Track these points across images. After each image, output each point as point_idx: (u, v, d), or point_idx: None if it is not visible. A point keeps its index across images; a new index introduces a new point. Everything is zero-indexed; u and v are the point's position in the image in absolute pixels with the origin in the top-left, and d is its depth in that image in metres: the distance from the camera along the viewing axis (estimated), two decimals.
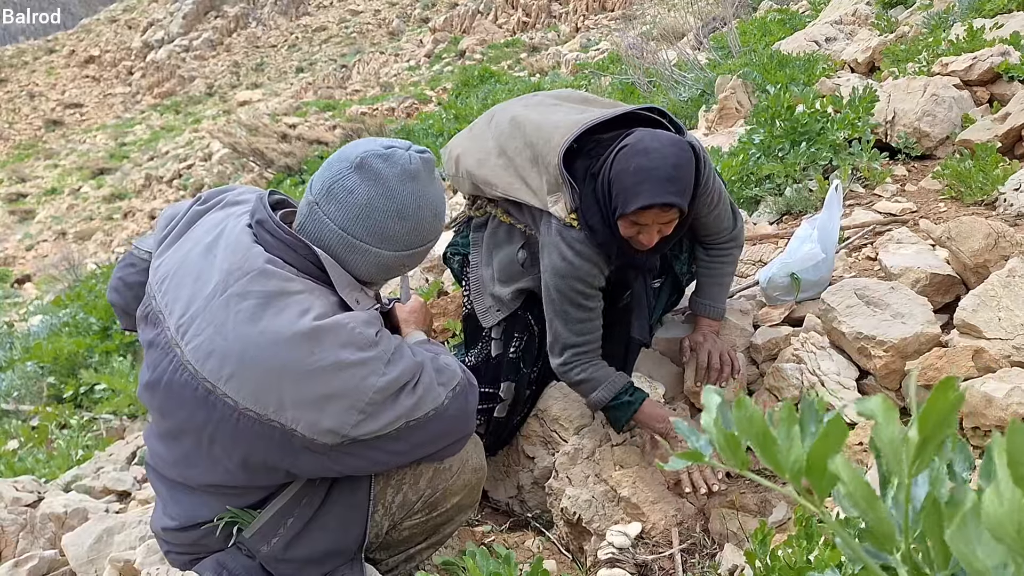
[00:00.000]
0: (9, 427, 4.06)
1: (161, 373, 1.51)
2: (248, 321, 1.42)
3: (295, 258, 1.50)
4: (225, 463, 1.51)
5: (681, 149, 1.90)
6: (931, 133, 3.49)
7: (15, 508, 2.15)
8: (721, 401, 0.69)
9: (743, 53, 6.22)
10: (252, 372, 1.42)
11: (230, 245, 1.51)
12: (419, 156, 1.55)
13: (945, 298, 2.35)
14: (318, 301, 1.47)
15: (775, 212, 3.40)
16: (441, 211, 1.60)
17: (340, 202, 1.50)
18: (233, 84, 42.26)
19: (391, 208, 1.50)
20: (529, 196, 2.11)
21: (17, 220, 26.96)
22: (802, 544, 1.36)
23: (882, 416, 0.61)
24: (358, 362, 1.43)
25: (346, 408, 1.43)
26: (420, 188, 1.53)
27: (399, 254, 1.56)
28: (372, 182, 1.50)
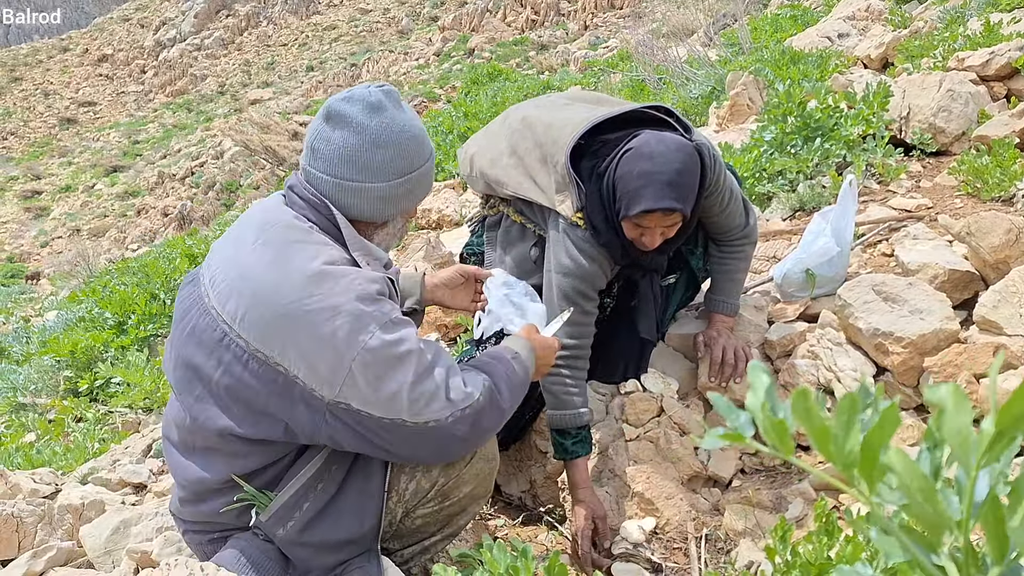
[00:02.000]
0: (26, 420, 4.10)
1: (189, 319, 1.62)
2: (267, 265, 1.53)
3: (318, 217, 1.61)
4: (233, 408, 1.56)
5: (686, 154, 1.91)
6: (947, 129, 3.47)
7: (33, 500, 2.17)
8: (770, 384, 0.67)
9: (754, 49, 6.19)
10: (262, 312, 1.49)
11: (265, 207, 1.67)
12: (378, 89, 1.62)
13: (963, 294, 2.34)
14: (332, 252, 1.55)
15: (788, 208, 3.38)
16: (419, 134, 1.63)
17: (323, 154, 1.61)
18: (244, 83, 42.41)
19: (366, 141, 1.57)
20: (538, 195, 2.13)
21: (32, 217, 27.15)
22: (823, 540, 1.35)
23: (953, 405, 0.59)
24: (352, 312, 1.47)
25: (336, 360, 1.46)
26: (388, 116, 1.59)
27: (392, 183, 1.61)
28: (342, 126, 1.59)
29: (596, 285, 2.12)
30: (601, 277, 2.12)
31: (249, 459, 1.60)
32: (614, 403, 2.38)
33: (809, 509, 1.99)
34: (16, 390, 4.78)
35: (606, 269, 2.12)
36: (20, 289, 16.03)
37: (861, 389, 0.66)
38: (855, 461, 0.61)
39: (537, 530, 2.34)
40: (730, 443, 0.67)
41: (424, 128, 1.68)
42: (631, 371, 2.38)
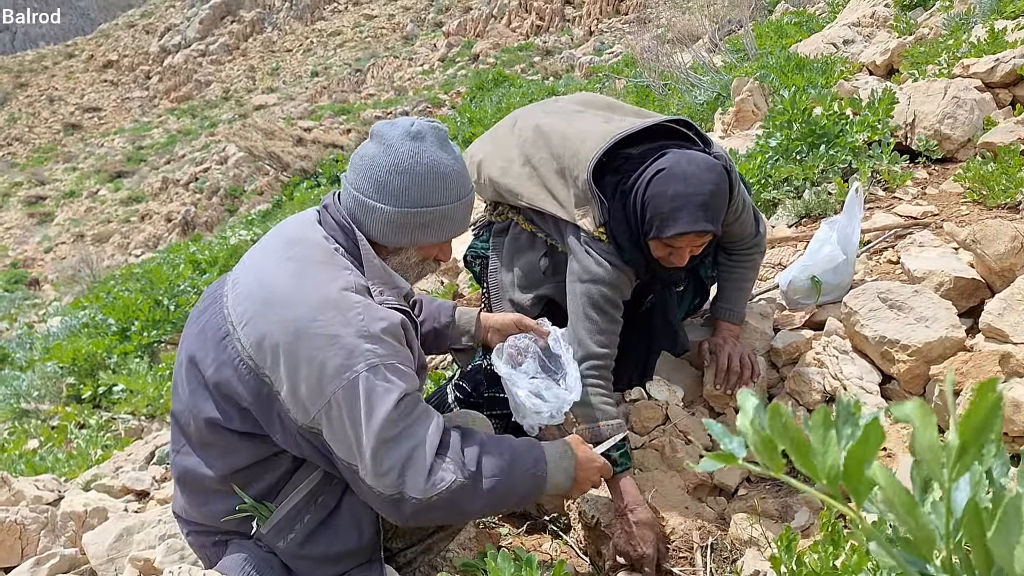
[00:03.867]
0: (29, 426, 4.10)
1: (204, 315, 1.66)
2: (286, 278, 1.55)
3: (344, 240, 1.63)
4: (221, 403, 1.58)
5: (717, 174, 1.90)
6: (952, 136, 3.46)
7: (36, 506, 2.16)
8: (758, 403, 0.67)
9: (759, 56, 6.19)
10: (266, 321, 1.51)
11: (300, 223, 1.70)
12: (425, 122, 1.63)
13: (970, 302, 2.33)
14: (351, 278, 1.56)
15: (793, 215, 3.37)
16: (447, 174, 1.61)
17: (354, 165, 1.64)
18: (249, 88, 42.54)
19: (389, 162, 1.58)
20: (556, 208, 2.10)
21: (36, 222, 27.23)
22: (828, 549, 1.34)
23: (919, 421, 0.60)
24: (348, 346, 1.47)
25: (318, 388, 1.47)
26: (420, 147, 1.59)
27: (402, 210, 1.60)
28: (378, 143, 1.61)
29: (623, 293, 2.10)
30: (627, 284, 2.10)
31: (239, 454, 1.61)
32: (619, 411, 2.37)
33: (815, 518, 1.98)
34: (19, 396, 4.79)
35: (630, 279, 2.10)
36: (24, 295, 16.06)
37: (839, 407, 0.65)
38: (837, 475, 0.61)
39: (541, 539, 2.33)
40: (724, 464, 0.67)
41: (463, 173, 1.66)
42: (636, 379, 2.37)
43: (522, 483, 1.61)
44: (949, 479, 0.61)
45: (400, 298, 1.66)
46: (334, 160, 12.99)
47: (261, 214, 13.05)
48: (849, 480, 0.61)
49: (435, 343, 2.10)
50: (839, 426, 0.65)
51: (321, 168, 13.27)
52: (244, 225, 11.59)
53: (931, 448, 0.60)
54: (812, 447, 0.63)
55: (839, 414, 0.65)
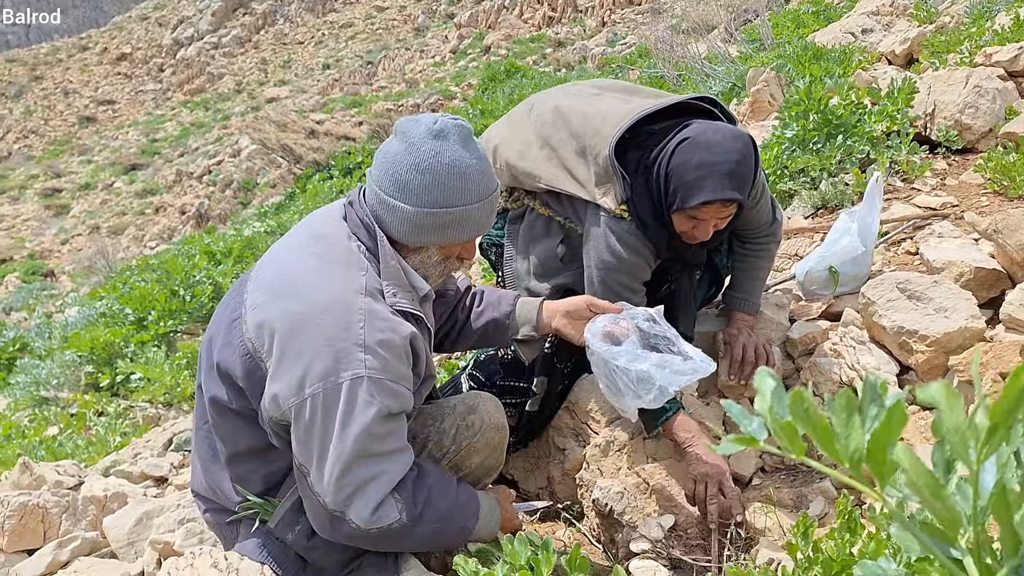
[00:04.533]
0: (49, 414, 4.15)
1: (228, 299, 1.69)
2: (304, 271, 1.57)
3: (367, 238, 1.63)
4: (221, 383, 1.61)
5: (743, 143, 1.88)
6: (973, 126, 3.42)
7: (58, 491, 2.19)
8: (776, 386, 0.67)
9: (776, 45, 6.15)
10: (272, 307, 1.53)
11: (326, 218, 1.69)
12: (449, 119, 1.61)
13: (990, 293, 2.31)
14: (368, 279, 1.57)
15: (810, 206, 3.35)
16: (469, 174, 1.59)
17: (378, 161, 1.63)
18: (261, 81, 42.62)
19: (410, 161, 1.56)
20: (576, 188, 2.07)
21: (52, 215, 27.44)
22: (845, 537, 1.34)
23: (945, 402, 0.59)
24: (341, 351, 1.47)
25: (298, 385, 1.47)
26: (442, 146, 1.57)
27: (421, 210, 1.58)
28: (401, 140, 1.59)
29: (640, 277, 2.08)
30: (645, 269, 2.08)
31: (240, 438, 1.64)
32: None
33: (830, 508, 1.97)
34: (39, 384, 4.84)
35: (649, 261, 2.08)
36: (42, 286, 16.20)
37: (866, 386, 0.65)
38: (861, 458, 0.61)
39: (555, 526, 2.34)
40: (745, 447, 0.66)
41: (486, 173, 1.63)
42: None
43: (452, 535, 1.65)
44: (977, 460, 0.60)
45: (415, 301, 1.65)
46: (346, 152, 13.00)
47: (274, 206, 13.09)
48: (873, 463, 0.61)
49: (496, 334, 2.06)
50: (864, 405, 0.65)
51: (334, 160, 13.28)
52: (258, 217, 11.64)
53: (958, 429, 0.60)
54: (835, 431, 0.63)
55: (865, 393, 0.65)
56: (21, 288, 16.26)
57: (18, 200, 30.23)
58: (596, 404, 2.39)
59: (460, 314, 2.07)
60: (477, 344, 2.12)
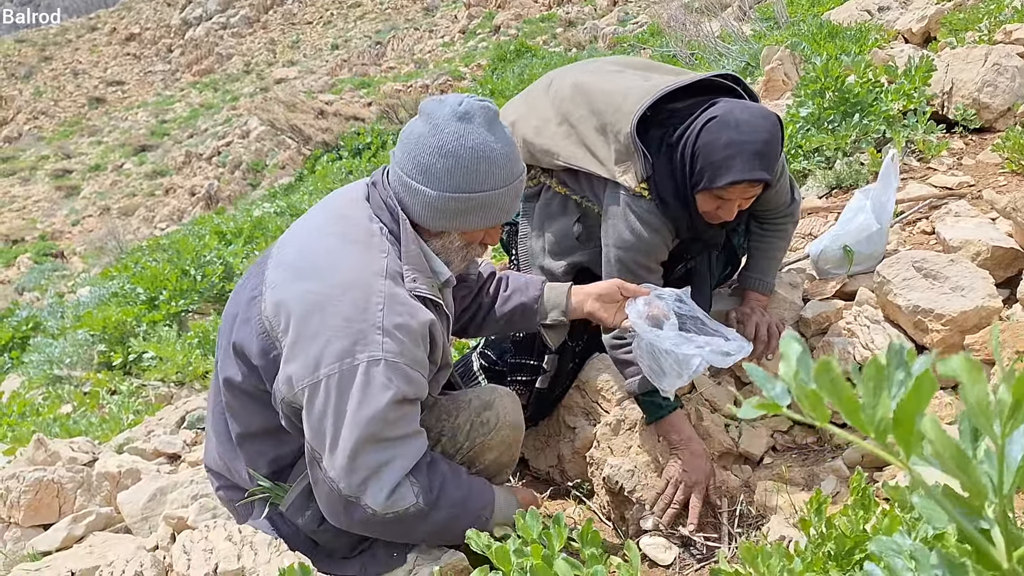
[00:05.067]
0: (63, 392, 4.18)
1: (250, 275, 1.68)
2: (324, 252, 1.55)
3: (389, 219, 1.61)
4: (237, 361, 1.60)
5: (771, 122, 1.85)
6: (991, 104, 3.37)
7: (72, 466, 2.21)
8: (801, 352, 0.66)
9: (790, 24, 6.07)
10: (290, 286, 1.52)
11: (349, 198, 1.67)
12: (475, 101, 1.56)
13: (1007, 272, 2.28)
14: (387, 262, 1.54)
15: (824, 186, 3.32)
16: (495, 158, 1.55)
17: (402, 142, 1.59)
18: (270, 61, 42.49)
19: (434, 143, 1.53)
20: (595, 166, 2.04)
21: (63, 196, 27.52)
22: (858, 513, 1.33)
23: (967, 376, 0.58)
24: (358, 332, 1.44)
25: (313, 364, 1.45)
26: (467, 129, 1.53)
27: (444, 195, 1.55)
28: (425, 121, 1.56)
29: (658, 257, 2.07)
30: (663, 249, 2.06)
31: (252, 419, 1.63)
32: None
33: (842, 487, 1.97)
34: (52, 363, 4.87)
35: (668, 241, 2.06)
36: (53, 266, 16.30)
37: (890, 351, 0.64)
38: (888, 428, 0.60)
39: (565, 504, 2.34)
40: (767, 412, 0.65)
41: (512, 157, 1.59)
42: None
43: (467, 523, 1.59)
44: (1002, 434, 0.59)
45: (435, 287, 1.62)
46: (355, 133, 12.96)
47: (283, 187, 13.09)
48: (899, 433, 0.60)
49: (523, 319, 2.04)
50: (891, 371, 0.63)
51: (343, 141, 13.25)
52: (267, 198, 11.64)
53: (981, 404, 0.59)
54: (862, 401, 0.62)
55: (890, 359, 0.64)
56: (33, 268, 16.36)
57: (29, 181, 30.34)
58: (607, 382, 2.39)
59: (484, 298, 2.04)
60: (503, 330, 2.10)
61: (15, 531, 2.03)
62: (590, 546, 1.27)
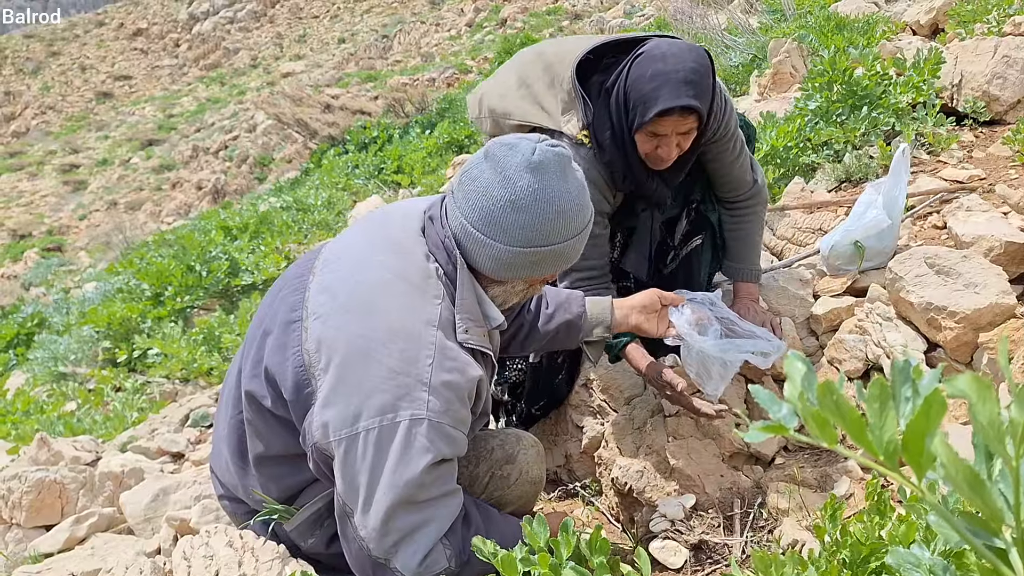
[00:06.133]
0: (67, 389, 4.18)
1: (288, 285, 1.59)
2: (374, 286, 1.46)
3: (445, 262, 1.52)
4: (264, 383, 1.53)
5: (699, 53, 1.88)
6: (1001, 97, 3.33)
7: (75, 466, 2.20)
8: (806, 372, 0.63)
9: (797, 16, 6.02)
10: (336, 323, 1.44)
11: (406, 227, 1.58)
12: (548, 148, 1.46)
13: (1020, 268, 2.25)
14: (439, 310, 1.46)
15: (833, 179, 3.29)
16: (569, 209, 1.46)
17: (466, 188, 1.49)
18: (276, 56, 42.49)
19: (506, 197, 1.43)
20: (543, 118, 2.08)
21: (71, 190, 27.60)
22: (874, 519, 1.30)
23: (976, 396, 0.56)
24: (402, 387, 1.37)
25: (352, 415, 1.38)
26: (541, 180, 1.44)
27: (515, 249, 1.47)
28: (494, 170, 1.45)
29: (600, 208, 2.06)
30: (603, 203, 2.07)
31: (271, 441, 1.56)
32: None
33: (855, 488, 1.94)
34: (57, 360, 4.87)
35: (607, 194, 2.07)
36: (60, 261, 16.35)
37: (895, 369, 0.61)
38: (896, 450, 0.58)
39: (573, 504, 2.32)
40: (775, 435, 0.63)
41: (584, 202, 1.51)
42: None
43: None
44: (1017, 455, 0.57)
45: (485, 335, 1.55)
46: (361, 127, 12.93)
47: (290, 182, 13.08)
48: (910, 455, 0.57)
49: (567, 337, 2.00)
50: (897, 389, 0.61)
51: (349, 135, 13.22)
52: (274, 192, 11.64)
53: (992, 424, 0.56)
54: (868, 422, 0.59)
55: (895, 378, 0.61)
56: (39, 263, 16.41)
57: (36, 176, 30.42)
58: (615, 382, 2.36)
59: (527, 316, 1.99)
60: (546, 347, 2.07)
61: (17, 532, 2.02)
62: (599, 555, 1.25)
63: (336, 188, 8.64)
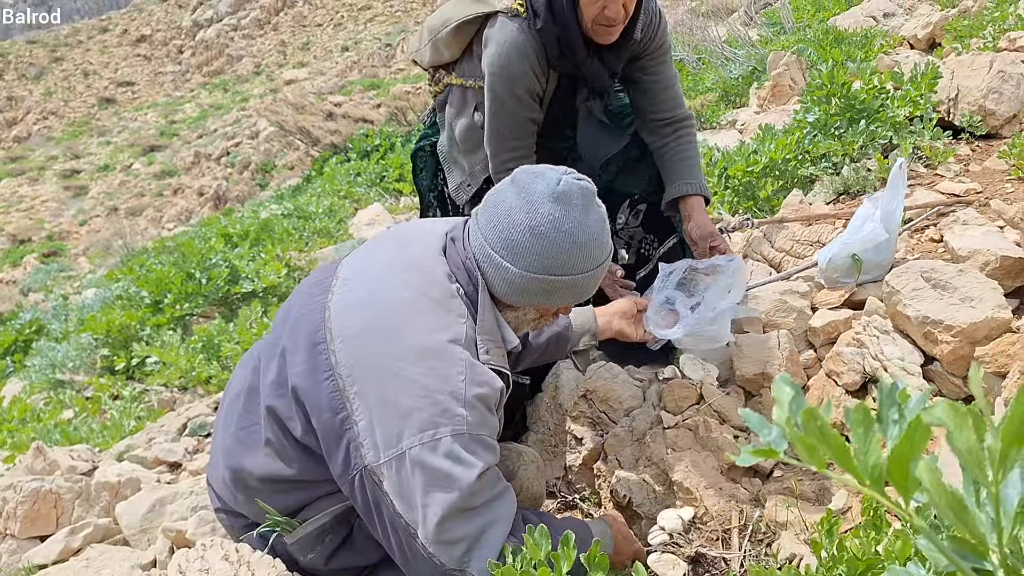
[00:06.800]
0: (64, 397, 4.18)
1: (304, 303, 1.58)
2: (398, 307, 1.47)
3: (466, 282, 1.53)
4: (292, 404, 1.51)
5: None
6: (997, 111, 3.35)
7: (71, 476, 2.19)
8: (794, 395, 0.64)
9: (796, 29, 6.05)
10: (365, 344, 1.44)
11: (426, 245, 1.59)
12: (574, 180, 1.48)
13: (1016, 282, 2.25)
14: (462, 328, 1.47)
15: (832, 192, 3.30)
16: (587, 243, 1.48)
17: (488, 212, 1.52)
18: (280, 63, 42.63)
19: (526, 221, 1.46)
20: (479, 6, 2.10)
21: (72, 196, 27.64)
22: (870, 535, 1.30)
23: (953, 424, 0.57)
24: (439, 404, 1.38)
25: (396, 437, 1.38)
26: (563, 211, 1.45)
27: (529, 275, 1.48)
28: (518, 195, 1.48)
29: (530, 88, 2.08)
30: (533, 80, 2.08)
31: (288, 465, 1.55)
32: (652, 390, 2.34)
33: (853, 501, 1.94)
34: (55, 367, 4.87)
35: (539, 72, 2.08)
36: (60, 267, 16.35)
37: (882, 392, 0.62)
38: (881, 474, 0.59)
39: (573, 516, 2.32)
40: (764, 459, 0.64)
41: (603, 240, 1.53)
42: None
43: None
44: (995, 481, 0.57)
45: (504, 356, 1.57)
46: (364, 135, 12.97)
47: (292, 189, 13.11)
48: (895, 480, 0.58)
49: (557, 348, 2.02)
50: (884, 412, 0.62)
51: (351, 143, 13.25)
52: (275, 200, 11.66)
53: (970, 451, 0.57)
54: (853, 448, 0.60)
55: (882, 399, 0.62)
56: (39, 269, 16.42)
57: (37, 181, 30.47)
58: (614, 393, 2.36)
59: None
60: (538, 360, 2.09)
61: (11, 543, 2.01)
62: (597, 569, 1.25)
63: (338, 196, 8.65)
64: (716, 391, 2.29)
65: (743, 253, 3.05)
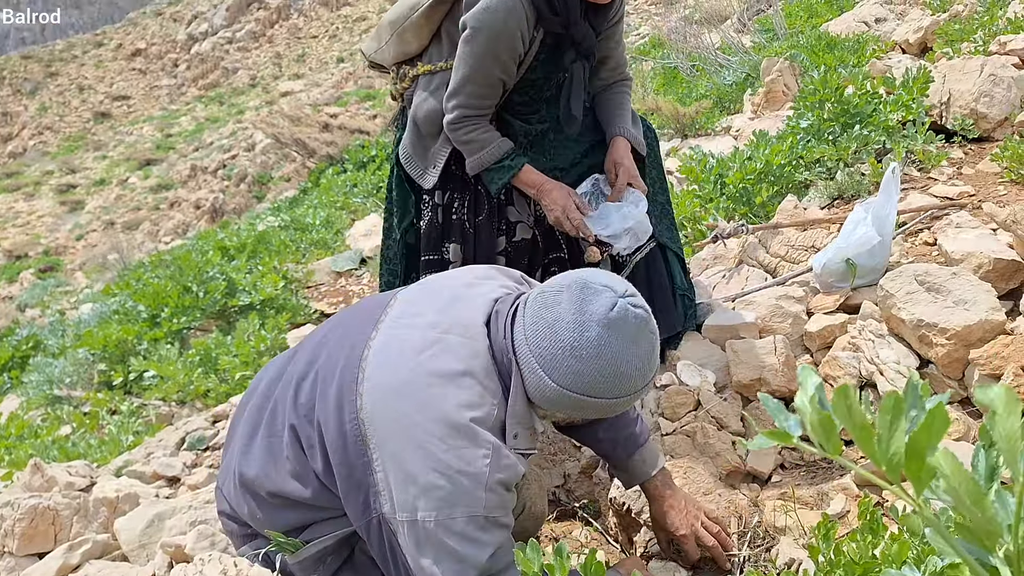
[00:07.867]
0: (62, 413, 4.17)
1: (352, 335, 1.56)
2: (433, 373, 1.44)
3: (504, 364, 1.50)
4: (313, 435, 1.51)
5: None
6: (988, 114, 3.37)
7: (69, 492, 2.19)
8: (820, 383, 0.65)
9: (789, 35, 6.08)
10: (391, 405, 1.43)
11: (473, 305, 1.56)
12: (630, 306, 1.43)
13: (1009, 284, 2.27)
14: (493, 410, 1.46)
15: (826, 196, 3.31)
16: (629, 373, 1.45)
17: (536, 312, 1.47)
18: (275, 75, 42.70)
19: (570, 339, 1.42)
20: None
21: (68, 210, 27.62)
22: (867, 538, 1.31)
23: (1003, 408, 0.57)
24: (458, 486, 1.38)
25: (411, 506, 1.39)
26: (610, 338, 1.41)
27: (563, 391, 1.45)
28: (570, 305, 1.43)
29: (512, 48, 2.07)
30: (517, 39, 2.07)
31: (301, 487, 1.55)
32: (650, 396, 2.34)
33: (851, 505, 1.94)
34: (52, 383, 4.86)
35: (524, 31, 2.07)
36: (56, 282, 16.33)
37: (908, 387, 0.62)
38: (900, 462, 0.59)
39: (572, 525, 2.31)
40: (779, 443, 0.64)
41: (646, 370, 1.48)
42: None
43: None
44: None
45: (533, 437, 1.55)
46: (360, 146, 12.97)
47: (288, 201, 13.10)
48: (911, 467, 0.58)
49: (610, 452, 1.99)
50: (906, 407, 0.62)
51: (347, 154, 13.26)
52: (272, 212, 11.65)
53: (1011, 437, 0.57)
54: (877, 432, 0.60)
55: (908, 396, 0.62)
56: (35, 285, 16.39)
57: (33, 196, 30.45)
58: None
59: None
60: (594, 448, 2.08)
61: (9, 560, 2.01)
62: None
63: (334, 207, 8.64)
64: (713, 397, 2.30)
65: (739, 259, 3.06)
